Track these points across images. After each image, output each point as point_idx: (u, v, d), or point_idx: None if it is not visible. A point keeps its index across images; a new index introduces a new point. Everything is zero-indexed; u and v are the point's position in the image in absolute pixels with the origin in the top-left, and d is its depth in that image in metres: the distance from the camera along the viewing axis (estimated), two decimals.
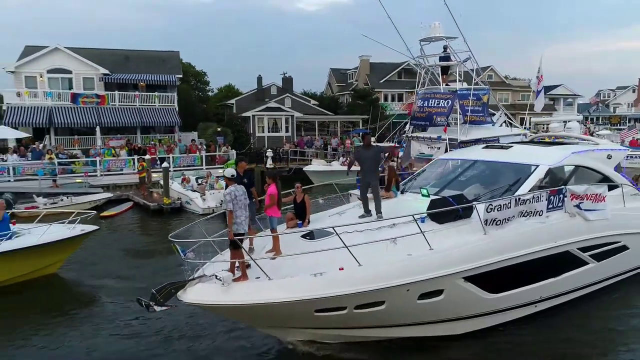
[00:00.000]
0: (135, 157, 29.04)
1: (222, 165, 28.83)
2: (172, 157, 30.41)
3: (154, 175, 25.43)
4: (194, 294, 7.28)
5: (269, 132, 42.74)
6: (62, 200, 21.96)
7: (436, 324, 8.59)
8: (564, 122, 14.15)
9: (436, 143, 15.79)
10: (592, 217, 9.96)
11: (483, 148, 12.06)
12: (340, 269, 7.35)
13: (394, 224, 8.79)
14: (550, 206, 9.37)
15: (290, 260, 7.81)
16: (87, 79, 36.35)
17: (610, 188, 11.00)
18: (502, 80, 63.68)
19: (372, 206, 9.92)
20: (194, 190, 22.70)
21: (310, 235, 8.76)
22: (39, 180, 23.94)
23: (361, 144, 10.42)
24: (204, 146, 33.36)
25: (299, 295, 7.02)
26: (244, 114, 42.98)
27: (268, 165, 32.51)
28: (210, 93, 63.98)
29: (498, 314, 9.11)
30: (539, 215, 9.14)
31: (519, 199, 8.78)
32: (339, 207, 11.08)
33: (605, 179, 11.25)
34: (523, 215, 8.96)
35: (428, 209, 8.94)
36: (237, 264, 7.57)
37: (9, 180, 24.77)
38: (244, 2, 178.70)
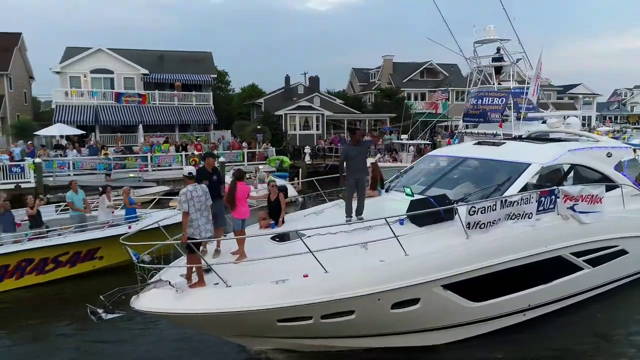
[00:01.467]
0: (183, 153, 30.25)
1: (263, 161, 30.52)
2: (217, 153, 31.16)
3: None
4: (146, 301, 6.74)
5: (300, 130, 43.67)
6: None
7: (415, 333, 8.01)
8: (563, 117, 13.42)
9: (491, 139, 15.74)
10: (587, 219, 9.29)
11: (474, 144, 11.38)
12: (304, 276, 6.78)
13: (369, 227, 8.19)
14: (541, 208, 8.71)
15: (256, 265, 7.26)
16: (128, 79, 38.25)
17: (610, 188, 10.31)
18: (523, 79, 63.08)
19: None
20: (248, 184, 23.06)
21: (280, 238, 8.19)
22: (98, 174, 25.90)
23: (358, 140, 9.32)
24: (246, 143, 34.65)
25: (254, 305, 6.47)
26: (276, 113, 43.84)
27: (306, 162, 34.12)
28: (230, 92, 63.99)
29: (483, 323, 8.51)
30: (528, 218, 8.49)
31: (505, 201, 8.13)
32: (317, 206, 10.49)
33: (604, 178, 10.54)
34: (510, 218, 8.31)
35: (408, 210, 8.35)
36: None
37: (69, 175, 25.66)
38: (253, 3, 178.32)
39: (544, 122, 14.38)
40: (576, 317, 9.56)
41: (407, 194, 9.68)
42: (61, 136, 32.77)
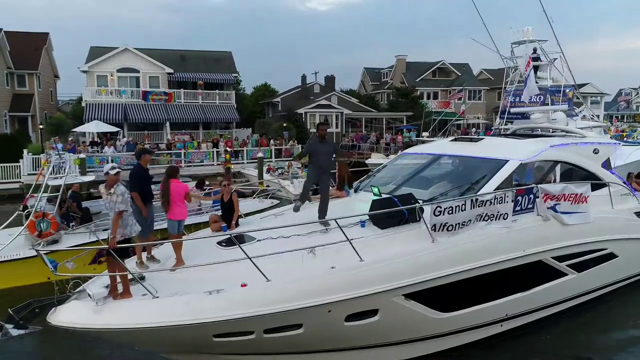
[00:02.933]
0: (215, 149, 31.88)
1: (289, 158, 31.33)
2: (246, 150, 32.88)
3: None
4: (63, 315, 5.93)
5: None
6: None
7: (375, 348, 7.20)
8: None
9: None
10: (570, 220, 8.51)
11: (451, 141, 10.59)
12: (242, 286, 6.00)
13: (326, 229, 7.41)
14: (518, 208, 7.92)
15: (195, 273, 6.46)
16: (153, 78, 38.86)
17: (597, 187, 9.54)
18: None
19: (314, 207, 8.55)
20: (284, 179, 23.55)
21: (227, 242, 7.39)
22: None
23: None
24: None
25: (180, 319, 5.67)
26: (297, 111, 44.64)
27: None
28: (242, 91, 63.93)
29: (454, 335, 7.71)
30: (503, 219, 7.70)
31: (476, 200, 7.34)
32: (279, 207, 9.70)
33: (590, 176, 9.75)
34: (482, 219, 7.53)
35: (370, 210, 7.56)
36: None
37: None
38: (257, 2, 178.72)
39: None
40: (558, 327, 8.77)
41: (374, 194, 8.89)
42: (93, 133, 33.87)
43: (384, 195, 8.61)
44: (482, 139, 10.24)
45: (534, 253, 7.99)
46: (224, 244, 7.34)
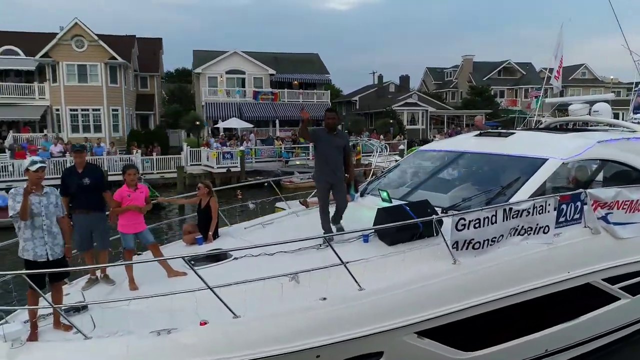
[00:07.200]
0: None
1: (395, 152, 31.62)
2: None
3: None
4: None
5: (407, 125, 48.04)
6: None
7: None
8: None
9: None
10: (625, 233, 6.89)
11: (475, 136, 8.98)
12: (201, 324, 4.56)
13: (320, 245, 5.94)
14: (562, 219, 6.34)
15: (152, 298, 5.06)
16: (257, 79, 43.33)
17: None
18: (596, 77, 64.77)
19: (309, 214, 7.11)
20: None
21: (197, 260, 5.97)
22: (283, 161, 31.50)
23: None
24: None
25: None
26: (388, 109, 47.70)
27: None
28: None
29: None
30: (544, 233, 6.12)
31: (510, 209, 5.78)
32: (269, 214, 8.24)
33: None
34: (518, 234, 5.97)
35: (375, 221, 6.08)
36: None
37: (251, 162, 30.49)
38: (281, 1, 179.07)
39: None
40: None
41: (383, 199, 7.40)
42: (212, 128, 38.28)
43: (393, 202, 7.12)
44: (512, 133, 8.60)
45: (581, 275, 6.40)
46: (192, 262, 5.90)
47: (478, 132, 9.17)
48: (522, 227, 5.93)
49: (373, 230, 6.04)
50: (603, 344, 7.30)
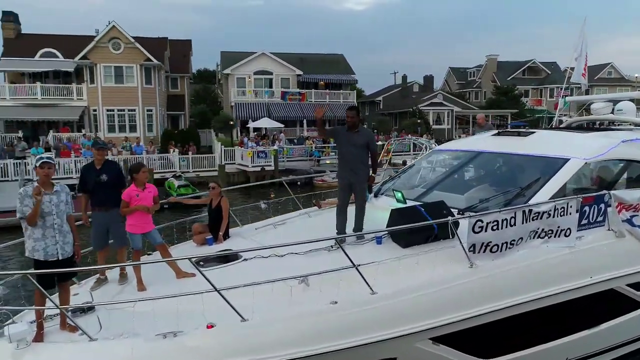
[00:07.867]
0: None
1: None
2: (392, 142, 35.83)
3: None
4: None
5: (433, 124, 48.52)
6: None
7: None
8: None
9: None
10: None
11: (493, 135, 8.73)
12: (208, 327, 4.44)
13: (331, 247, 5.78)
14: (584, 222, 6.08)
15: (161, 302, 4.95)
16: (284, 79, 44.02)
17: None
18: (622, 77, 64.16)
19: (323, 214, 6.95)
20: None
21: (206, 261, 5.86)
22: (308, 160, 32.63)
23: None
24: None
25: None
26: (415, 108, 48.46)
27: None
28: None
29: None
30: (565, 235, 5.88)
31: (530, 211, 5.55)
32: (282, 215, 8.10)
33: None
34: (538, 236, 5.73)
35: (388, 222, 5.90)
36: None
37: (283, 161, 31.06)
38: (294, 2, 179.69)
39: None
40: None
41: (397, 199, 7.21)
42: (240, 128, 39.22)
43: (408, 202, 6.93)
44: (532, 132, 8.32)
45: (604, 280, 6.13)
46: (202, 263, 5.81)
47: (496, 131, 8.92)
48: (543, 229, 5.69)
49: (386, 232, 5.86)
50: (626, 353, 7.01)
